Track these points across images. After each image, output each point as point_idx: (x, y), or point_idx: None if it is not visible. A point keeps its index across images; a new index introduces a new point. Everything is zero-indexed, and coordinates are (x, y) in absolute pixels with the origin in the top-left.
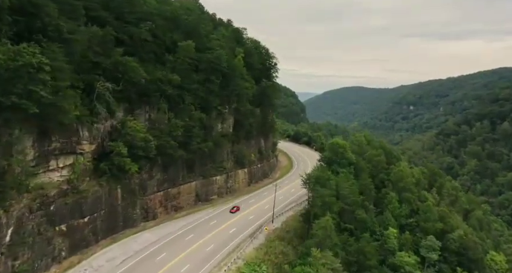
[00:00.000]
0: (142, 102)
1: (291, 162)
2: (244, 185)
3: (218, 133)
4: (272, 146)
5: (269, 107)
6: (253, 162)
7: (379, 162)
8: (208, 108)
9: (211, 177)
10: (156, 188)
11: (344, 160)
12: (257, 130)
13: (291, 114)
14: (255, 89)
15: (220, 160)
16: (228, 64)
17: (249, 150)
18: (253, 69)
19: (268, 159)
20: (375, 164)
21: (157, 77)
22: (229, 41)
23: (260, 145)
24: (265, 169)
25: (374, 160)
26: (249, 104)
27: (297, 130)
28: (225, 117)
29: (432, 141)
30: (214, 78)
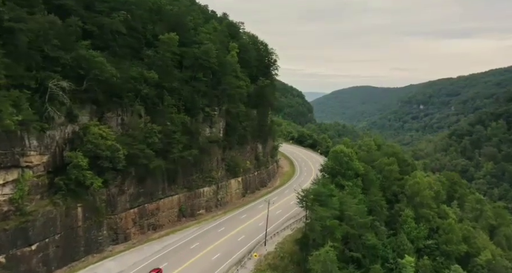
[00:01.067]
0: (114, 104)
1: (294, 168)
2: (237, 196)
3: (206, 138)
4: (271, 151)
5: (267, 108)
6: (248, 170)
7: (391, 172)
8: (194, 110)
9: (198, 189)
10: (129, 204)
11: (350, 171)
12: (253, 133)
13: (298, 114)
14: (252, 89)
15: (209, 169)
16: (218, 60)
17: (243, 156)
18: (249, 66)
19: (267, 166)
20: (386, 175)
21: (131, 75)
22: (221, 36)
23: (257, 150)
24: (263, 177)
25: (386, 170)
26: (244, 105)
27: (302, 132)
28: (214, 120)
29: (445, 142)
30: (200, 76)
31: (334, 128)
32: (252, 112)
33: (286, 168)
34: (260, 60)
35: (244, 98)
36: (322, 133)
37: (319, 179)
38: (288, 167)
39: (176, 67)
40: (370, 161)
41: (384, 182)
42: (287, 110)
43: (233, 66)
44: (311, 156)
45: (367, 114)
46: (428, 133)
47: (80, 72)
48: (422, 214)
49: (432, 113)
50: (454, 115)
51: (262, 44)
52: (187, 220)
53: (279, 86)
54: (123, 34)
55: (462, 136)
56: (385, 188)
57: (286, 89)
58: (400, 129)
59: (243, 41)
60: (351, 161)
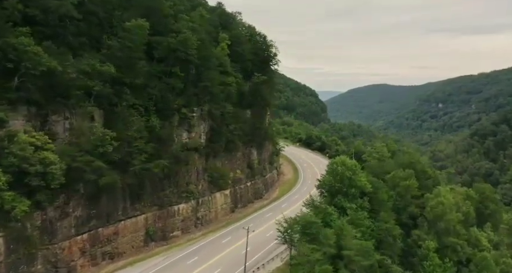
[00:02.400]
0: (59, 104)
1: (297, 175)
2: (224, 212)
3: (183, 145)
4: (269, 157)
5: (264, 108)
6: (238, 181)
7: (408, 188)
8: (167, 111)
9: (171, 207)
10: (75, 229)
11: (353, 189)
12: (245, 138)
13: (310, 114)
14: (247, 86)
15: (186, 182)
16: (200, 53)
17: (232, 165)
18: (243, 60)
19: (264, 174)
20: (402, 192)
21: (82, 69)
22: (208, 25)
23: (251, 157)
24: (259, 187)
25: (401, 186)
26: (234, 104)
27: (310, 133)
28: (193, 123)
29: (466, 143)
30: (177, 71)
31: (349, 128)
32: (244, 112)
33: (289, 175)
34: (256, 54)
35: (233, 97)
36: (335, 133)
37: (313, 200)
38: (291, 173)
39: (147, 60)
40: (381, 173)
41: (398, 202)
42: (299, 110)
43: (221, 60)
44: (319, 160)
45: (384, 113)
46: (447, 133)
47: (7, 65)
48: (448, 244)
49: (452, 112)
50: (475, 114)
51: (260, 36)
52: (157, 244)
53: (291, 85)
54: (77, 20)
55: (485, 136)
56: (400, 209)
57: (299, 88)
58: (418, 128)
59: (236, 32)
60: (354, 177)
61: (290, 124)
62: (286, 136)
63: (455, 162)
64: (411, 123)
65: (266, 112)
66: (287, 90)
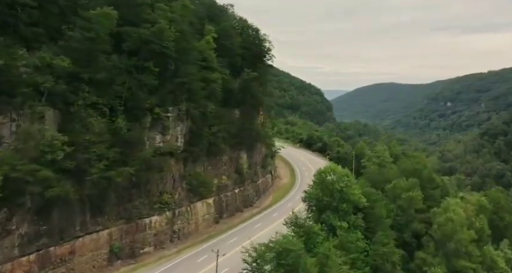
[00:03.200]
0: (5, 104)
1: (295, 179)
2: (207, 223)
3: (155, 149)
4: (262, 160)
5: (256, 107)
6: (224, 188)
7: (412, 201)
8: (137, 111)
9: (141, 220)
10: (19, 249)
11: (345, 204)
12: (233, 140)
13: (316, 113)
14: (236, 83)
15: (159, 191)
16: (178, 46)
17: (216, 170)
18: (231, 55)
19: (255, 180)
20: (404, 206)
21: (32, 62)
22: (191, 16)
23: (239, 161)
24: (249, 194)
25: (403, 199)
26: (220, 103)
27: (311, 134)
28: (168, 124)
29: (476, 143)
30: (150, 65)
31: (355, 127)
32: (232, 112)
33: (285, 179)
34: (248, 48)
35: (218, 95)
36: (341, 133)
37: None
38: (288, 177)
39: (117, 53)
40: (381, 182)
41: (400, 217)
42: (304, 109)
43: (204, 54)
44: (318, 162)
45: (391, 112)
46: (456, 132)
47: None
48: (459, 268)
49: (461, 111)
50: (484, 113)
51: (253, 29)
52: (123, 263)
53: (296, 83)
54: (30, 8)
55: (496, 135)
56: (401, 226)
57: (304, 87)
58: (425, 128)
59: (225, 24)
60: (347, 189)
61: (293, 124)
62: (287, 137)
63: (464, 162)
64: (419, 122)
65: (258, 112)
66: (292, 89)
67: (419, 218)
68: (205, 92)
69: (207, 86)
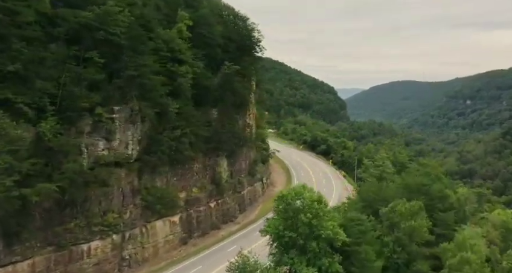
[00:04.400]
0: None
1: (290, 186)
2: (170, 246)
3: (97, 159)
4: (250, 167)
5: (241, 106)
6: (195, 202)
7: (414, 232)
8: (73, 112)
9: (77, 246)
10: None
11: (316, 242)
12: (208, 145)
13: (328, 112)
14: (215, 78)
15: (102, 210)
16: (130, 32)
17: (184, 182)
18: (210, 46)
19: (239, 190)
20: (403, 239)
21: None
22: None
23: (217, 170)
24: (229, 208)
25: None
26: (195, 101)
27: (315, 135)
28: (113, 128)
29: (498, 143)
30: (93, 56)
31: (369, 126)
32: (209, 112)
33: (280, 186)
34: (231, 39)
35: (187, 92)
36: (354, 132)
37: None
38: (284, 184)
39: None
40: (378, 201)
41: (398, 255)
42: (316, 108)
43: (172, 44)
44: (320, 167)
45: (408, 110)
46: (476, 131)
47: None
48: None
49: (481, 109)
50: (506, 111)
51: (239, 17)
52: None
53: (308, 82)
54: None
55: None
56: (399, 267)
57: (316, 85)
58: (444, 126)
59: (204, 11)
60: (318, 221)
61: (302, 123)
62: (292, 138)
63: (485, 164)
64: (437, 121)
65: (246, 111)
66: (304, 87)
67: (424, 254)
68: (167, 88)
69: (172, 81)
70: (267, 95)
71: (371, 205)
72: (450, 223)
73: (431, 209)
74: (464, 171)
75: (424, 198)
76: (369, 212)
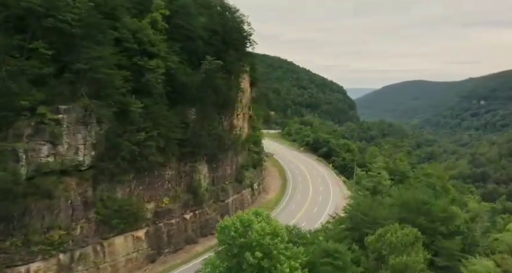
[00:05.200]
0: None
1: (284, 193)
2: (134, 265)
3: (39, 167)
4: (236, 172)
5: (226, 106)
6: (166, 214)
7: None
8: (8, 112)
9: (12, 268)
10: None
11: None
12: (184, 149)
13: (337, 112)
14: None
15: (47, 226)
16: (86, 20)
17: (153, 191)
18: (190, 39)
19: (223, 199)
20: None
21: None
22: None
23: (194, 177)
24: (209, 219)
25: (393, 265)
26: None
27: (317, 136)
28: (60, 131)
29: None
30: (40, 46)
31: (379, 127)
32: (186, 112)
33: (273, 193)
34: (215, 31)
35: (157, 89)
36: (362, 133)
37: None
38: (277, 191)
39: None
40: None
41: None
42: (324, 107)
43: (138, 34)
44: (319, 172)
45: (420, 110)
46: (490, 133)
47: None
48: None
49: (495, 110)
50: None
51: (226, 8)
52: None
53: (317, 81)
54: None
55: None
56: None
57: (325, 84)
58: (456, 127)
59: (184, 0)
60: (269, 263)
61: (309, 124)
62: (295, 139)
63: (499, 168)
64: (449, 121)
65: (232, 111)
66: (312, 87)
67: None
68: (130, 85)
69: (140, 77)
70: (274, 94)
71: (358, 227)
72: (455, 253)
73: (432, 233)
74: (476, 174)
75: (424, 219)
76: (355, 237)
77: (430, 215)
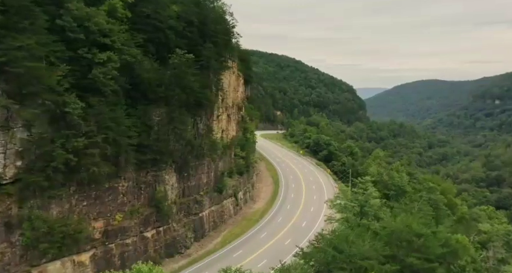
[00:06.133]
0: None
1: (273, 202)
2: None
3: None
4: (215, 181)
5: (199, 106)
6: (118, 233)
7: None
8: None
9: None
10: None
11: None
12: (144, 156)
13: (346, 111)
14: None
15: None
16: (8, 3)
17: (102, 207)
18: (159, 29)
19: (196, 212)
20: None
21: None
22: None
23: (158, 187)
24: (177, 237)
25: None
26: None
27: (318, 137)
28: None
29: None
30: None
31: (389, 127)
32: (152, 113)
33: (261, 202)
34: (191, 22)
35: (107, 85)
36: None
37: None
38: (268, 198)
39: None
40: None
41: None
42: (332, 107)
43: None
44: (316, 177)
45: (433, 110)
46: (505, 133)
47: None
48: None
49: (511, 109)
50: None
51: None
52: None
53: (326, 80)
54: None
55: None
56: None
57: (334, 84)
58: (470, 128)
59: None
60: None
61: (315, 124)
62: (296, 140)
63: None
64: (463, 122)
65: (211, 113)
66: (320, 86)
67: None
68: (67, 81)
69: (87, 72)
70: (280, 94)
71: (328, 269)
72: None
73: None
74: (490, 178)
75: (417, 257)
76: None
77: (425, 251)
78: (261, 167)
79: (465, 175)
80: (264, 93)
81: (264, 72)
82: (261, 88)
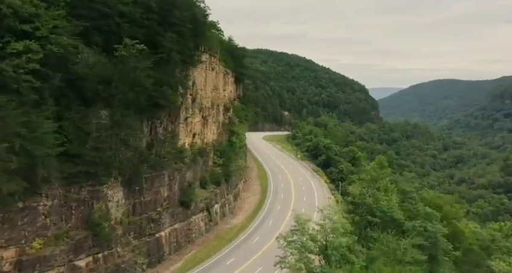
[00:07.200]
0: None
1: (255, 217)
2: None
3: None
4: (181, 194)
5: (159, 108)
6: (37, 264)
7: None
8: None
9: None
10: None
11: None
12: (80, 167)
13: (357, 112)
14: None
15: None
16: None
17: (14, 232)
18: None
19: (151, 233)
20: None
21: None
22: None
23: (95, 206)
24: (123, 264)
25: None
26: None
27: (318, 141)
28: None
29: None
30: None
31: (402, 128)
32: (90, 116)
33: (243, 215)
34: (149, 8)
35: (19, 82)
36: (383, 135)
37: None
38: (251, 210)
39: None
40: None
41: None
42: (343, 107)
43: None
44: (309, 186)
45: (449, 111)
46: None
47: None
48: None
49: None
50: None
51: None
52: None
53: (337, 80)
54: None
55: None
56: None
57: (346, 83)
58: (488, 129)
59: None
60: None
61: (323, 125)
62: (298, 143)
63: None
64: (480, 122)
65: (176, 115)
66: (331, 86)
67: None
68: None
69: None
70: (288, 93)
71: None
72: None
73: None
74: (508, 183)
75: None
76: None
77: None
78: (253, 174)
79: (482, 180)
80: (271, 93)
81: (272, 71)
82: (268, 88)
